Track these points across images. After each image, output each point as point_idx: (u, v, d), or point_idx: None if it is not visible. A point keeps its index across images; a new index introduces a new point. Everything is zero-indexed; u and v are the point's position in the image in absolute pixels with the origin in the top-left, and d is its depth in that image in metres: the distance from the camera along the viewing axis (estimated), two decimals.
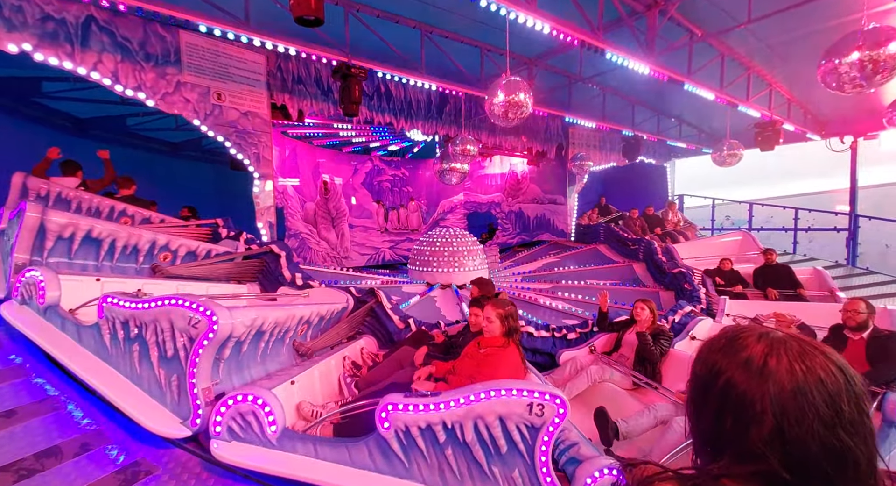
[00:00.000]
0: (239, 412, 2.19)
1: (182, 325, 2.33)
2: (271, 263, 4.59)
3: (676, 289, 7.01)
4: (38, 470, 2.10)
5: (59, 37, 4.31)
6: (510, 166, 12.56)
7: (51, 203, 3.96)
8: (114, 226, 3.54)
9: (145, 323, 2.46)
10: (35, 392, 2.59)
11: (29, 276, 2.78)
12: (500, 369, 2.44)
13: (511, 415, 2.05)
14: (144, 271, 3.77)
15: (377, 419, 2.12)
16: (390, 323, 4.42)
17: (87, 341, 2.63)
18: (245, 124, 5.78)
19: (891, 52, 2.74)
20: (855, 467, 0.53)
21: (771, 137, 8.01)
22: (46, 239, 3.14)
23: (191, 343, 2.33)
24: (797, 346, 0.59)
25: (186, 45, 5.16)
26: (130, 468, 2.26)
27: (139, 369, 2.50)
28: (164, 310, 2.38)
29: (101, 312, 2.59)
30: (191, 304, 2.33)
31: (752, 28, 5.44)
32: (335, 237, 10.64)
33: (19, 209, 3.08)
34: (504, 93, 4.25)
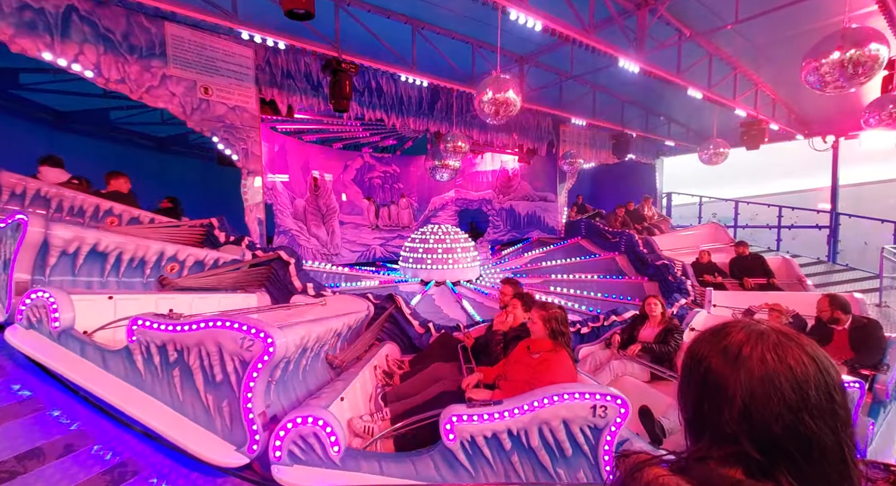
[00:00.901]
0: (300, 434, 2.10)
1: (233, 348, 2.18)
2: (279, 270, 4.41)
3: (660, 280, 7.31)
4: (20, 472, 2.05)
5: (38, 27, 4.17)
6: (501, 163, 12.59)
7: (28, 202, 3.73)
8: (120, 238, 3.30)
9: (187, 347, 2.29)
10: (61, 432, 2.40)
11: (37, 297, 2.55)
12: (558, 374, 2.45)
13: (576, 418, 2.12)
14: (151, 285, 3.57)
15: (442, 431, 2.12)
16: (410, 328, 4.38)
17: (114, 367, 2.44)
18: (233, 119, 5.68)
19: (871, 52, 2.81)
20: (821, 451, 0.56)
21: (756, 136, 8.16)
22: (49, 255, 2.88)
23: (243, 367, 2.18)
24: (774, 337, 0.62)
25: (172, 38, 5.05)
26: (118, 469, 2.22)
27: (181, 395, 2.32)
28: (211, 333, 2.21)
29: (132, 335, 2.40)
30: (241, 326, 2.18)
31: (739, 28, 5.53)
32: (325, 234, 10.55)
33: (15, 222, 2.81)
34: (493, 90, 4.23)
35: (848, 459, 0.57)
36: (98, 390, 2.35)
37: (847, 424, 0.58)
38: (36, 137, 7.10)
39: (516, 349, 2.79)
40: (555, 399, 2.11)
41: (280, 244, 5.79)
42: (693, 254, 7.72)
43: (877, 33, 2.87)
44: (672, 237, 9.19)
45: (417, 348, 4.28)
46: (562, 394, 2.12)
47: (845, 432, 0.57)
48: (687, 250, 8.30)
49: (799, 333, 0.63)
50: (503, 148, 10.79)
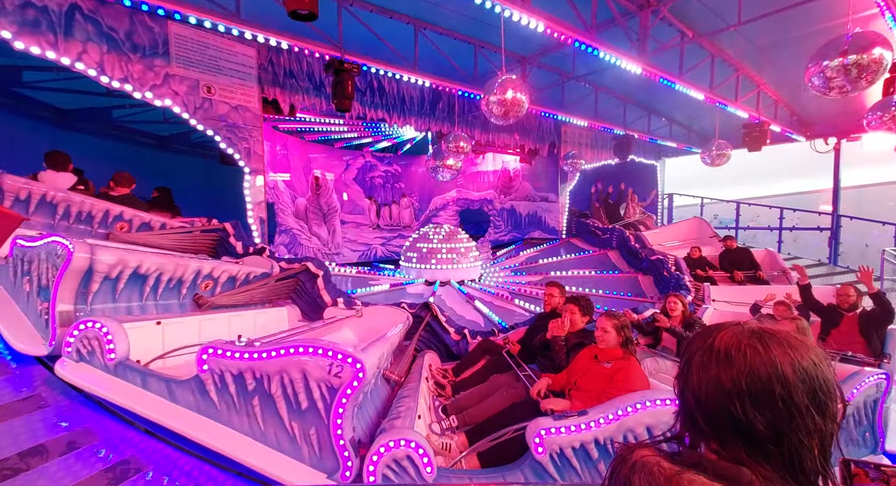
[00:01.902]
0: (394, 458, 2.08)
1: (320, 374, 2.12)
2: (307, 282, 4.31)
3: (655, 274, 7.50)
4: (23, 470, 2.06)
5: (41, 25, 4.18)
6: (503, 164, 12.59)
7: (33, 208, 3.58)
8: (160, 258, 3.19)
9: (268, 374, 2.20)
10: None
11: (87, 329, 2.44)
12: (635, 382, 2.48)
13: (658, 424, 2.18)
14: (187, 305, 3.46)
15: (531, 444, 2.15)
16: (447, 336, 4.37)
17: (182, 398, 2.36)
18: (235, 118, 5.69)
19: (874, 56, 2.82)
20: (760, 438, 0.60)
21: (758, 138, 8.15)
22: (92, 282, 2.74)
23: (331, 393, 2.13)
24: (746, 334, 0.66)
25: (175, 37, 5.05)
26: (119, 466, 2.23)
27: (262, 424, 2.24)
28: (295, 359, 2.15)
29: (202, 364, 2.31)
30: (327, 351, 2.13)
31: (742, 30, 5.52)
32: (326, 233, 10.56)
33: (53, 245, 2.64)
34: (501, 91, 4.23)
35: (792, 451, 0.60)
36: (169, 422, 2.29)
37: (792, 418, 0.60)
38: (39, 135, 7.11)
39: (581, 358, 2.77)
40: (637, 407, 2.19)
41: (307, 256, 5.67)
42: (678, 248, 8.07)
43: (881, 38, 2.87)
44: (657, 233, 9.50)
45: (455, 356, 4.27)
46: (644, 402, 2.20)
47: (790, 424, 0.60)
48: (673, 245, 8.63)
49: (781, 333, 0.66)
50: (505, 148, 10.79)
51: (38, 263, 2.80)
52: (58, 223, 3.78)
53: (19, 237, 2.97)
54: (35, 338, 2.74)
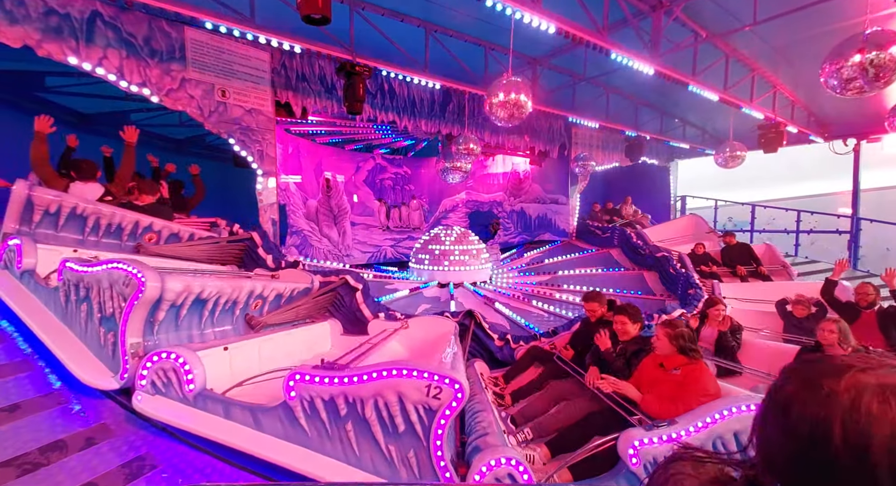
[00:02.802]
0: (496, 476, 2.11)
1: (417, 397, 2.12)
2: (345, 296, 4.23)
3: (660, 271, 7.63)
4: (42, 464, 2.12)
5: (64, 31, 4.31)
6: (513, 166, 12.55)
7: (62, 221, 3.53)
8: (220, 281, 3.06)
9: (361, 399, 2.15)
10: None
11: (162, 360, 2.39)
12: (708, 386, 2.53)
13: (745, 430, 2.26)
14: (240, 327, 3.35)
15: (625, 456, 2.18)
16: (490, 342, 4.36)
17: (269, 426, 2.33)
18: (249, 121, 5.79)
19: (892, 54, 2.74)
20: None
21: (774, 139, 8.00)
22: (159, 310, 2.67)
23: (429, 415, 2.13)
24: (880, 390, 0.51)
25: (191, 42, 5.16)
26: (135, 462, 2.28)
27: (357, 449, 2.21)
28: (390, 382, 2.12)
29: (290, 391, 2.25)
30: (423, 373, 2.12)
31: (758, 30, 5.44)
32: (337, 235, 10.64)
33: (112, 269, 2.54)
34: (504, 93, 4.24)
35: None
36: (259, 451, 2.27)
37: None
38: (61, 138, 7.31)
39: (646, 367, 2.82)
40: (724, 414, 2.25)
41: (346, 268, 5.61)
42: (677, 244, 8.25)
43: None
44: (655, 230, 9.56)
45: (500, 362, 4.26)
46: (729, 408, 2.28)
47: None
48: (671, 242, 8.75)
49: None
50: (514, 150, 10.76)
51: (98, 290, 2.68)
52: (86, 238, 3.72)
53: (71, 261, 2.90)
54: (103, 371, 2.63)
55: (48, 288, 3.06)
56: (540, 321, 6.09)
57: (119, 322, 2.57)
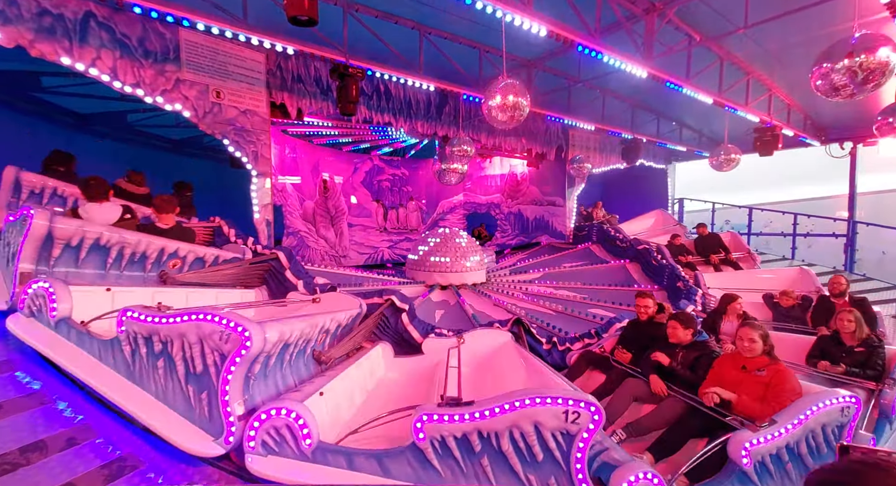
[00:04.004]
0: None
1: (556, 424, 2.10)
2: (391, 317, 4.18)
3: (642, 263, 8.09)
4: None
5: (57, 32, 4.31)
6: (510, 168, 12.57)
7: (84, 253, 3.23)
8: (302, 323, 2.85)
9: (496, 432, 2.13)
10: None
11: (277, 417, 2.22)
12: (795, 385, 2.70)
13: (832, 422, 2.50)
14: (312, 367, 3.20)
15: (736, 457, 2.29)
16: (540, 347, 4.44)
17: (399, 471, 2.23)
18: (244, 122, 5.79)
19: (881, 58, 2.75)
20: None
21: (770, 143, 8.00)
22: (255, 363, 2.45)
23: (567, 440, 2.12)
24: None
25: (186, 43, 5.17)
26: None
27: (494, 481, 2.16)
28: (530, 412, 2.10)
29: (418, 432, 2.19)
30: (556, 399, 2.09)
31: (751, 33, 5.45)
32: (334, 236, 10.65)
33: (202, 321, 2.30)
34: (501, 95, 4.24)
35: None
36: None
37: None
38: (57, 138, 7.31)
39: (726, 370, 2.91)
40: (814, 409, 2.44)
41: (387, 288, 5.40)
42: (648, 238, 8.82)
43: (888, 40, 2.81)
44: (626, 226, 10.17)
45: (567, 369, 4.26)
46: (817, 404, 2.46)
47: None
48: (643, 235, 9.31)
49: None
50: (511, 152, 10.78)
51: (183, 343, 2.41)
52: (108, 271, 3.44)
53: (135, 310, 2.52)
54: (202, 436, 2.38)
55: (101, 339, 2.67)
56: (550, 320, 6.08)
57: (215, 380, 2.32)
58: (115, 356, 2.58)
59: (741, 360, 2.85)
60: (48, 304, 2.69)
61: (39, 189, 4.15)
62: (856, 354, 3.49)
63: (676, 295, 6.57)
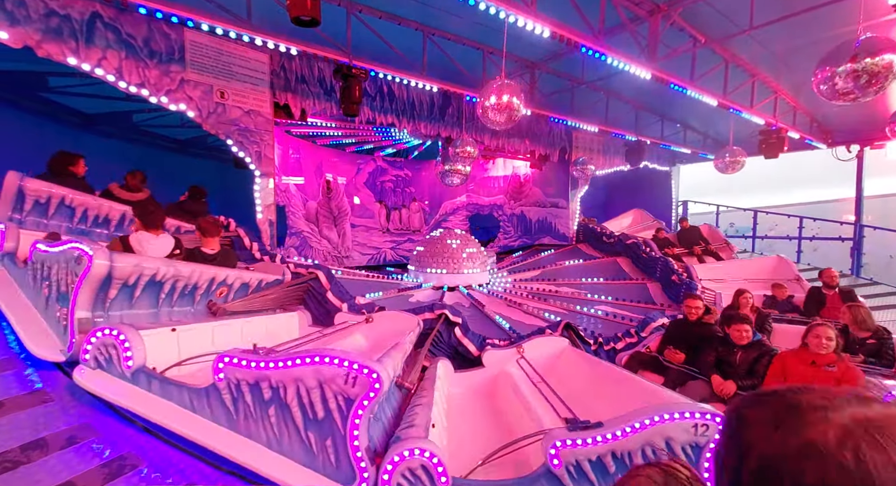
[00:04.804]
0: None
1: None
2: (444, 332, 4.16)
3: (632, 257, 8.41)
4: None
5: (64, 32, 4.35)
6: (513, 169, 12.54)
7: (139, 290, 3.01)
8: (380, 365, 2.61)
9: None
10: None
11: None
12: (861, 379, 2.83)
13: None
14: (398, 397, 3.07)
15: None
16: (588, 348, 4.46)
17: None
18: (247, 123, 5.82)
19: (885, 61, 2.72)
20: None
21: (775, 145, 7.94)
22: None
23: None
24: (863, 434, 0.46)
25: (190, 43, 5.20)
26: None
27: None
28: None
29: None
30: None
31: (757, 35, 5.41)
32: (336, 236, 10.67)
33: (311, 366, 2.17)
34: (496, 96, 4.24)
35: None
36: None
37: None
38: (64, 138, 7.38)
39: (793, 366, 3.05)
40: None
41: (440, 301, 5.23)
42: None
43: (892, 43, 2.78)
44: (609, 224, 10.68)
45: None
46: (886, 396, 2.58)
47: None
48: (626, 232, 9.75)
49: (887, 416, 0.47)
50: (515, 154, 10.75)
51: (298, 389, 2.26)
52: (160, 309, 3.25)
53: (235, 356, 2.35)
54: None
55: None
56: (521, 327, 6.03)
57: (341, 426, 2.27)
58: (212, 405, 2.37)
59: (809, 356, 2.97)
60: (121, 354, 2.47)
61: (45, 198, 3.94)
62: (868, 345, 3.71)
63: (673, 288, 6.83)
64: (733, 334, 3.41)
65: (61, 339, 2.83)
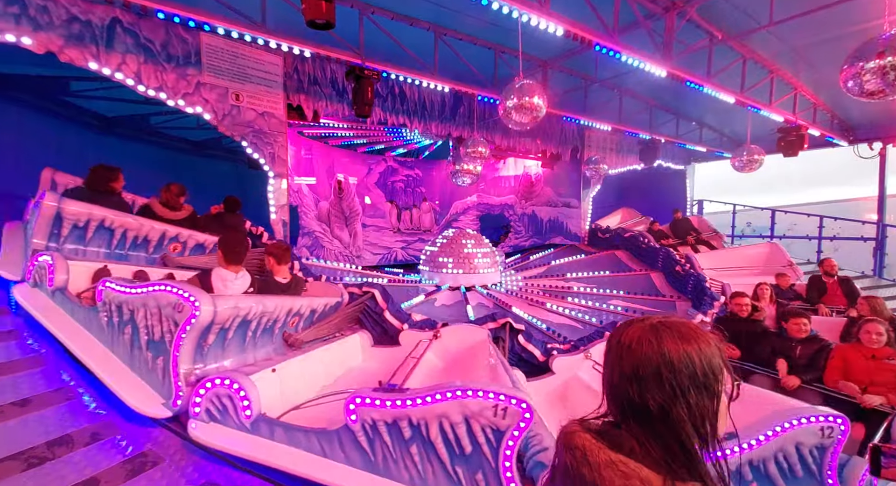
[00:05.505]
0: None
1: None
2: (508, 339, 4.18)
3: (631, 249, 8.77)
4: None
5: (85, 38, 4.46)
6: (524, 169, 12.47)
7: (231, 335, 2.82)
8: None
9: None
10: None
11: None
12: None
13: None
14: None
15: None
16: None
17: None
18: (261, 124, 5.89)
19: None
20: (648, 415, 0.70)
21: (795, 143, 7.75)
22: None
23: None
24: (647, 330, 0.76)
25: (206, 47, 5.29)
26: None
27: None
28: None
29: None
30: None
31: (776, 30, 5.28)
32: (348, 236, 10.73)
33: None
34: (517, 96, 4.21)
35: (677, 425, 0.69)
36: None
37: (676, 396, 0.69)
38: (84, 140, 7.57)
39: (853, 360, 3.15)
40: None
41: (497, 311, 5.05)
42: None
43: None
44: (603, 222, 11.16)
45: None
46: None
47: (674, 401, 0.69)
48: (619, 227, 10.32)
49: (677, 325, 0.75)
50: (526, 153, 10.69)
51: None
52: (246, 348, 2.99)
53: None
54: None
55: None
56: (557, 327, 6.02)
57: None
58: (345, 447, 2.36)
59: (867, 350, 3.06)
60: (238, 403, 2.38)
61: (84, 222, 3.60)
62: None
63: (678, 279, 6.95)
64: (791, 327, 3.54)
65: (158, 391, 2.62)
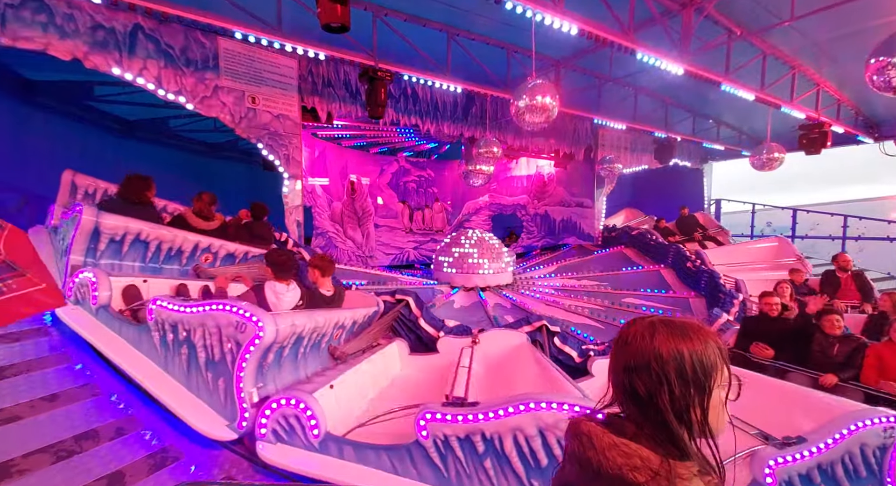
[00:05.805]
0: None
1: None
2: (545, 342, 4.18)
3: (639, 247, 8.90)
4: None
5: (109, 44, 4.59)
6: (537, 168, 12.40)
7: (286, 353, 2.80)
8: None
9: None
10: None
11: None
12: None
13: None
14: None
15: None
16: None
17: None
18: (277, 127, 5.98)
19: None
20: (638, 400, 0.78)
21: (817, 140, 7.53)
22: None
23: None
24: (646, 326, 0.83)
25: (224, 51, 5.39)
26: None
27: None
28: None
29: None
30: None
31: (797, 25, 5.14)
32: (361, 237, 10.82)
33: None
34: (530, 96, 4.19)
35: (661, 411, 0.76)
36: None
37: (661, 384, 0.76)
38: (106, 143, 7.79)
39: (889, 358, 3.20)
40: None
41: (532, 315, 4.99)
42: None
43: None
44: (607, 221, 11.23)
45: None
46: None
47: (658, 388, 0.76)
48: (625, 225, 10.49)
49: (675, 323, 0.81)
50: (538, 153, 10.62)
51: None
52: (299, 365, 2.98)
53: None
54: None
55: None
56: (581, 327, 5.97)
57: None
58: (417, 463, 2.34)
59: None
60: (306, 423, 2.37)
61: (121, 236, 3.53)
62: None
63: (690, 276, 6.97)
64: (826, 324, 3.51)
65: (220, 412, 2.56)
